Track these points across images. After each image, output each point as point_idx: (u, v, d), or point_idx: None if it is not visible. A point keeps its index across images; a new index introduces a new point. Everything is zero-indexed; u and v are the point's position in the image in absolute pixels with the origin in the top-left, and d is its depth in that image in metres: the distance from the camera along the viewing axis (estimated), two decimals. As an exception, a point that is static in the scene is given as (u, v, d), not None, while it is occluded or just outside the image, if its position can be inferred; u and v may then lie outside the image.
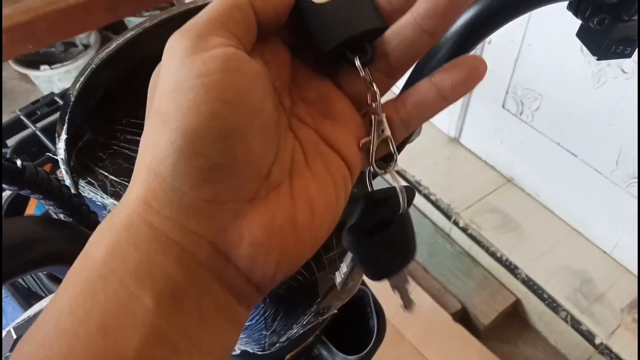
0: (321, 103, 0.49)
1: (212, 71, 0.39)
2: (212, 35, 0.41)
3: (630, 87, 1.85)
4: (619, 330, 2.03)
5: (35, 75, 3.00)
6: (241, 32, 0.43)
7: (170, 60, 0.40)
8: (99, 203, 0.64)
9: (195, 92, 0.38)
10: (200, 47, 0.40)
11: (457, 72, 0.47)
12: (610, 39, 0.63)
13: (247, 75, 0.41)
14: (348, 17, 0.48)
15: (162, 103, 0.39)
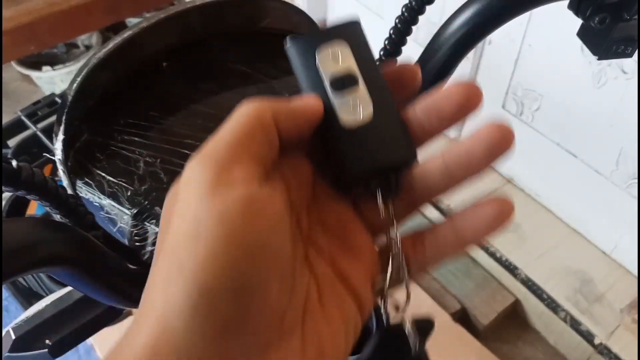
0: (339, 231, 0.48)
1: (233, 216, 0.37)
2: (234, 165, 0.39)
3: (630, 87, 1.84)
4: (618, 330, 2.02)
5: (38, 77, 3.00)
6: (264, 154, 0.42)
7: (190, 193, 0.39)
8: (96, 204, 0.65)
9: (214, 239, 0.37)
10: (221, 182, 0.38)
11: (481, 216, 0.46)
12: (611, 39, 0.63)
13: (269, 220, 0.39)
14: (377, 145, 0.47)
15: (179, 245, 0.38)
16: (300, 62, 0.48)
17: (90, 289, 0.58)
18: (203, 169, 0.39)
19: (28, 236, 0.49)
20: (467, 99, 0.47)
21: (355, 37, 0.49)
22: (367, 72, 0.48)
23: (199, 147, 0.61)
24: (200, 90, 0.69)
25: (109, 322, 0.74)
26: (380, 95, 0.47)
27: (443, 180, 0.47)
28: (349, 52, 0.48)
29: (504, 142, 0.47)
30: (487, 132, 0.47)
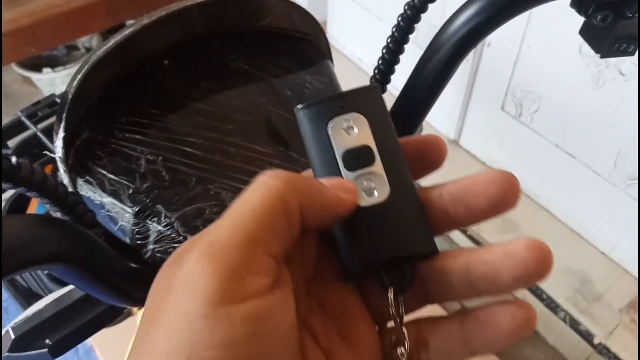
0: (340, 316, 0.43)
1: (239, 340, 0.33)
2: (249, 271, 0.35)
3: (628, 88, 1.85)
4: (617, 330, 2.03)
5: (38, 78, 3.00)
6: (282, 246, 0.38)
7: (190, 297, 0.34)
8: (97, 202, 0.65)
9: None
10: (231, 294, 0.33)
11: (496, 326, 0.41)
12: (613, 36, 0.63)
13: (279, 339, 0.35)
14: (390, 232, 0.43)
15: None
16: (310, 132, 0.45)
17: (90, 287, 0.58)
18: (211, 272, 0.34)
19: (29, 233, 0.49)
20: (501, 195, 0.42)
21: (373, 107, 0.45)
22: (385, 149, 0.44)
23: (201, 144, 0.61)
24: (201, 88, 0.70)
25: (110, 321, 0.74)
26: (399, 175, 0.44)
27: (462, 286, 0.42)
28: (365, 124, 0.44)
29: (539, 269, 0.39)
30: (523, 254, 0.39)
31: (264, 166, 0.66)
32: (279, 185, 0.38)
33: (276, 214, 0.37)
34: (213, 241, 0.36)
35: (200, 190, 0.64)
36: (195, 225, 0.62)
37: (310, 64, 0.78)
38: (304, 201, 0.39)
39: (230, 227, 0.36)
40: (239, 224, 0.36)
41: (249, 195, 0.38)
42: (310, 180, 0.41)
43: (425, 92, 0.73)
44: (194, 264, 0.35)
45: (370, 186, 0.43)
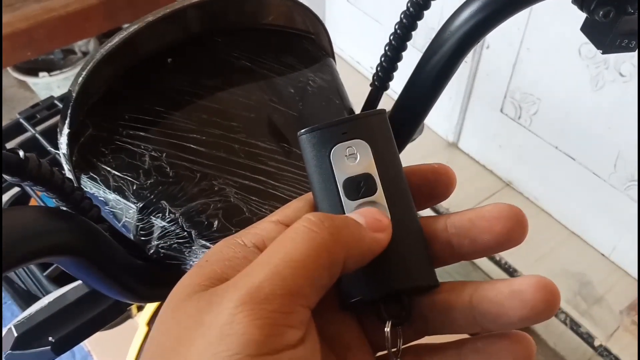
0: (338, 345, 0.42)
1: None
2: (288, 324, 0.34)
3: (628, 90, 1.85)
4: (618, 332, 2.03)
5: (34, 82, 3.00)
6: (318, 298, 0.37)
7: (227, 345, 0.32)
8: (101, 198, 0.65)
9: None
10: (269, 347, 0.32)
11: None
12: (615, 33, 0.63)
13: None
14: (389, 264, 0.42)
15: None
16: (312, 158, 0.44)
17: (96, 281, 0.58)
18: (251, 322, 0.33)
19: (36, 224, 0.49)
20: (508, 232, 0.41)
21: (378, 133, 0.44)
22: (387, 178, 0.43)
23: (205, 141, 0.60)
24: (204, 85, 0.69)
25: (113, 318, 0.74)
26: (401, 205, 0.43)
27: (465, 321, 0.41)
28: (368, 152, 0.43)
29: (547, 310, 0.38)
30: (532, 294, 0.38)
31: (267, 163, 0.66)
32: (325, 237, 0.37)
33: (320, 268, 0.36)
34: (254, 291, 0.34)
35: (204, 186, 0.63)
36: (200, 221, 0.62)
37: (313, 61, 0.78)
38: (348, 254, 0.38)
39: (271, 277, 0.35)
40: (281, 274, 0.35)
41: (292, 244, 0.36)
42: (352, 228, 0.39)
43: (426, 91, 0.73)
44: (234, 311, 0.33)
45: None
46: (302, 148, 0.44)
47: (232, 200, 0.63)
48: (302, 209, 0.44)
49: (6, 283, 1.13)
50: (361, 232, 0.39)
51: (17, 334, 0.68)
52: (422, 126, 0.83)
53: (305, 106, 0.73)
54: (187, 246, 0.63)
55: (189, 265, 0.64)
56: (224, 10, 0.73)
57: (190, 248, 0.63)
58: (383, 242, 0.40)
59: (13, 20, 2.15)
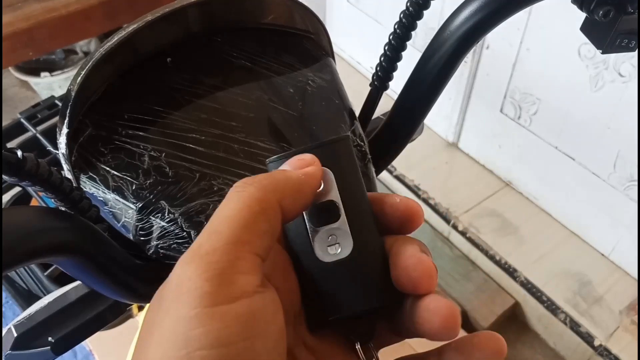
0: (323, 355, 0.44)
1: (233, 338, 0.33)
2: (236, 270, 0.35)
3: (627, 90, 1.85)
4: (617, 332, 2.03)
5: (36, 82, 3.00)
6: (266, 245, 0.38)
7: (181, 303, 0.34)
8: (100, 198, 0.65)
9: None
10: (222, 295, 0.34)
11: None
12: (614, 32, 0.63)
13: (269, 339, 0.35)
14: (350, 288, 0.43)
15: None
16: None
17: (95, 281, 0.58)
18: (199, 276, 0.34)
19: (34, 223, 0.49)
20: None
21: (341, 160, 0.45)
22: (351, 204, 0.44)
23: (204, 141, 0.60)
24: (204, 85, 0.69)
25: (112, 318, 0.74)
26: (364, 230, 0.44)
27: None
28: (332, 179, 0.44)
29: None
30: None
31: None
32: (251, 191, 0.39)
33: (254, 215, 0.37)
34: (195, 249, 0.36)
35: (204, 186, 0.64)
36: (199, 221, 0.62)
37: (313, 61, 0.78)
38: (281, 197, 0.39)
39: (209, 234, 0.37)
40: (216, 230, 0.37)
41: (224, 206, 0.38)
42: (276, 174, 0.41)
43: (426, 91, 0.74)
44: (181, 272, 0.35)
45: (335, 242, 0.44)
46: None
47: (231, 200, 0.63)
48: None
49: (7, 283, 1.13)
50: (286, 174, 0.41)
51: (16, 334, 0.68)
52: (422, 126, 0.83)
53: (304, 106, 0.73)
54: (187, 246, 0.63)
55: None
56: (223, 9, 0.73)
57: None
58: (313, 172, 0.43)
59: (14, 19, 2.15)
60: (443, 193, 2.48)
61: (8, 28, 2.11)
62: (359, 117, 0.80)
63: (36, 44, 2.23)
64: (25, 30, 2.16)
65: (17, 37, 2.15)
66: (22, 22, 2.15)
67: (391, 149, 0.82)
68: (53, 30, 2.24)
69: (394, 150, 0.82)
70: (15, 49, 2.17)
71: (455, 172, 2.58)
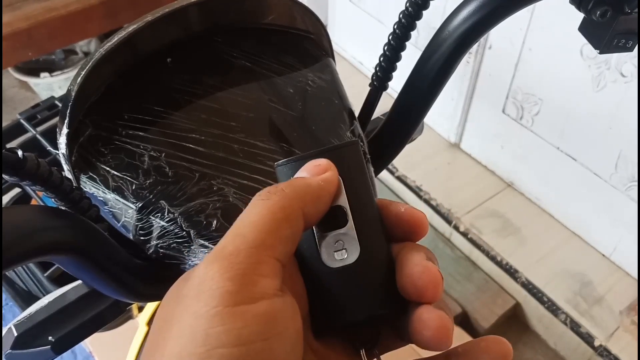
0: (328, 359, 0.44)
1: (253, 338, 0.34)
2: (258, 274, 0.36)
3: (629, 90, 1.85)
4: (618, 332, 2.03)
5: (36, 83, 3.00)
6: (287, 250, 0.39)
7: (203, 301, 0.34)
8: (100, 198, 0.65)
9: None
10: (244, 295, 0.34)
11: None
12: (612, 32, 0.63)
13: (289, 339, 0.36)
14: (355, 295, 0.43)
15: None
16: None
17: (96, 280, 0.58)
18: (222, 275, 0.35)
19: (34, 222, 0.49)
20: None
21: (350, 165, 0.45)
22: (358, 210, 0.44)
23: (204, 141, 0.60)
24: (204, 85, 0.69)
25: (112, 318, 0.74)
26: (371, 236, 0.44)
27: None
28: (340, 185, 0.44)
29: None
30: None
31: (266, 162, 0.66)
32: (275, 199, 0.40)
33: (277, 222, 0.38)
34: (219, 250, 0.37)
35: (204, 186, 0.64)
36: (199, 220, 0.62)
37: (313, 61, 0.78)
38: (302, 204, 0.40)
39: (233, 237, 0.37)
40: (241, 234, 0.37)
41: (249, 212, 0.39)
42: (297, 182, 0.42)
43: (425, 91, 0.74)
44: (204, 271, 0.36)
45: (343, 247, 0.44)
46: (278, 178, 0.46)
47: (230, 200, 0.63)
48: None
49: (7, 284, 1.13)
50: (306, 182, 0.42)
51: (17, 334, 0.68)
52: (421, 126, 0.83)
53: (304, 106, 0.73)
54: (186, 246, 0.63)
55: (188, 264, 0.64)
56: (223, 9, 0.73)
57: (189, 248, 0.63)
58: (331, 178, 0.43)
59: (13, 19, 2.15)
60: (445, 194, 2.48)
61: (7, 28, 2.12)
62: (359, 117, 0.80)
63: (36, 44, 2.23)
64: (25, 30, 2.16)
65: (17, 37, 2.15)
66: (22, 22, 2.16)
67: (390, 149, 0.82)
68: (53, 30, 2.24)
69: (394, 151, 0.82)
70: (14, 49, 2.18)
71: (457, 173, 2.58)
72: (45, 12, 2.20)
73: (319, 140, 0.71)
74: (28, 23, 2.16)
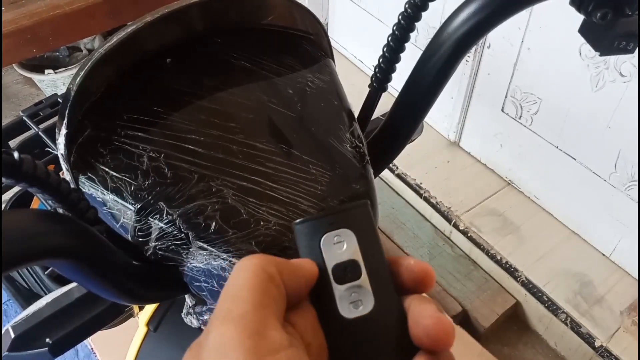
0: None
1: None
2: (268, 328, 0.38)
3: (628, 90, 1.85)
4: (618, 332, 2.03)
5: (40, 80, 3.01)
6: (280, 309, 0.41)
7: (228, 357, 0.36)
8: (99, 199, 0.65)
9: None
10: (264, 349, 0.37)
11: None
12: (612, 35, 0.63)
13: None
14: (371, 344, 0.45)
15: None
16: (305, 247, 0.48)
17: (92, 283, 0.58)
18: (240, 333, 0.37)
19: (31, 226, 0.49)
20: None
21: (362, 223, 0.48)
22: (371, 263, 0.47)
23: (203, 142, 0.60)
24: (203, 85, 0.69)
25: (110, 320, 0.74)
26: (384, 289, 0.47)
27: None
28: (354, 241, 0.47)
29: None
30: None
31: (265, 164, 0.66)
32: (255, 261, 0.42)
33: (264, 282, 0.41)
34: (226, 313, 0.39)
35: (202, 187, 0.63)
36: (198, 222, 0.62)
37: (312, 62, 0.78)
38: (279, 268, 0.43)
39: (232, 299, 0.40)
40: (239, 295, 0.40)
41: (236, 275, 0.42)
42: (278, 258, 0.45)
43: (425, 91, 0.74)
44: (220, 332, 0.38)
45: (358, 299, 0.46)
46: (296, 236, 0.49)
47: (229, 201, 0.63)
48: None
49: (7, 282, 1.13)
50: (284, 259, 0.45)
51: (14, 335, 0.68)
52: (421, 127, 0.83)
53: (304, 107, 0.73)
54: (185, 248, 0.63)
55: (186, 266, 0.64)
56: (223, 10, 0.73)
57: (187, 250, 0.63)
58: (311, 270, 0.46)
59: (18, 17, 2.15)
60: (444, 192, 2.48)
61: (12, 25, 2.12)
62: (358, 117, 0.80)
63: (40, 41, 2.23)
64: (29, 28, 2.16)
65: (21, 34, 2.15)
66: (26, 19, 2.16)
67: (390, 150, 0.82)
68: (57, 28, 2.24)
69: (393, 151, 0.82)
70: (18, 46, 2.18)
71: (456, 171, 2.58)
72: (50, 9, 2.20)
73: (319, 142, 0.71)
74: (32, 20, 2.16)
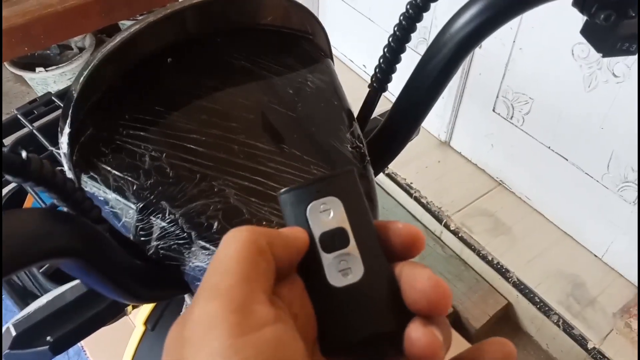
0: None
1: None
2: (254, 302, 0.37)
3: (621, 91, 1.86)
4: (611, 334, 2.03)
5: (31, 77, 3.00)
6: (269, 283, 0.40)
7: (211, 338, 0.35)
8: (101, 198, 0.65)
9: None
10: (248, 325, 0.36)
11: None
12: (615, 36, 0.63)
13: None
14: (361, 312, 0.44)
15: None
16: (291, 216, 0.47)
17: (95, 281, 0.58)
18: (223, 311, 0.36)
19: (36, 227, 0.48)
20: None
21: (348, 190, 0.47)
22: (359, 231, 0.46)
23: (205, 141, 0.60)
24: (204, 85, 0.70)
25: (111, 318, 0.74)
26: (373, 256, 0.46)
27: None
28: (341, 207, 0.46)
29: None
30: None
31: (267, 164, 0.67)
32: (245, 234, 0.41)
33: (253, 254, 0.39)
34: (211, 287, 0.38)
35: (204, 187, 0.64)
36: (199, 221, 0.62)
37: (311, 62, 0.79)
38: (270, 240, 0.41)
39: (220, 274, 0.39)
40: (226, 271, 0.39)
41: (225, 248, 0.41)
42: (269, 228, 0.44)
43: (425, 93, 0.74)
44: (204, 309, 0.37)
45: (347, 267, 0.45)
46: (281, 206, 0.48)
47: (231, 201, 0.64)
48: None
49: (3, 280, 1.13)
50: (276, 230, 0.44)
51: (15, 333, 0.68)
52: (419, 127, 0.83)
53: (303, 107, 0.73)
54: (187, 247, 0.63)
55: (188, 266, 0.64)
56: (223, 10, 0.73)
57: (189, 249, 0.63)
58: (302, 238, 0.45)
59: (10, 15, 2.14)
60: (435, 192, 2.48)
61: (4, 23, 2.11)
62: (357, 117, 0.80)
63: (32, 39, 2.23)
64: (21, 26, 2.15)
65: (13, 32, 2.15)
66: (18, 18, 2.15)
67: (389, 151, 0.82)
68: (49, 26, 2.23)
69: (393, 152, 0.83)
70: (10, 45, 2.17)
71: (447, 171, 2.58)
72: (42, 8, 2.19)
73: (319, 142, 0.71)
74: (25, 19, 2.15)
